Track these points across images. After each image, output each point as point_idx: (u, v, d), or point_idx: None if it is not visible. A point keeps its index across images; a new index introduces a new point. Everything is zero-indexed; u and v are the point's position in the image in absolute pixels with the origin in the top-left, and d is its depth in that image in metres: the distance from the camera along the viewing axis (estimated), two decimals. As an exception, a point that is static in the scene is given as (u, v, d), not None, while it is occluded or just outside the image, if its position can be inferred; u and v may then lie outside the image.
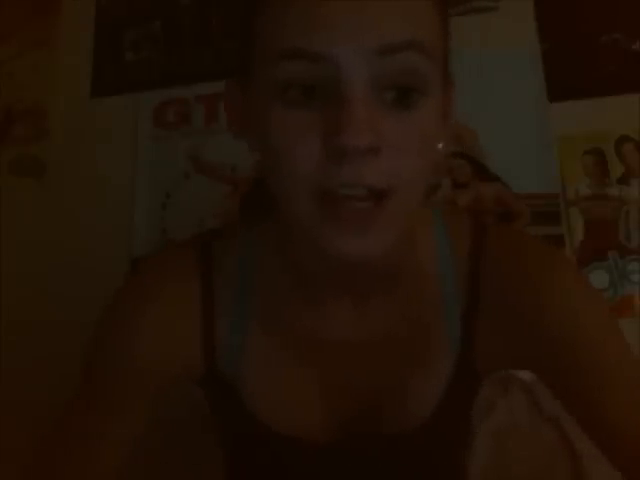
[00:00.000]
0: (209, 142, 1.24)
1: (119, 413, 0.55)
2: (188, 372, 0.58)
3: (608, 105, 1.11)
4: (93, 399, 0.56)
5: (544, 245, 0.58)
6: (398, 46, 0.40)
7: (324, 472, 0.59)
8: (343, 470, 0.59)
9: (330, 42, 0.39)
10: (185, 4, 1.31)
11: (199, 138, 1.25)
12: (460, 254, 0.56)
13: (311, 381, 0.58)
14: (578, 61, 1.14)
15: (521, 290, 0.53)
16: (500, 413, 0.90)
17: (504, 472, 0.88)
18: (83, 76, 1.32)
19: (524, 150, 1.12)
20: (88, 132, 1.30)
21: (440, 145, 0.47)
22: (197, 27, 1.30)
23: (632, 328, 0.99)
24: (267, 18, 0.43)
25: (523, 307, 0.53)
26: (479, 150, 1.13)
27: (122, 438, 0.55)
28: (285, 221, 0.51)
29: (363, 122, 0.40)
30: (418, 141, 0.43)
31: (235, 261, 0.58)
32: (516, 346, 0.54)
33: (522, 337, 0.53)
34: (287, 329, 0.57)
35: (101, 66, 1.33)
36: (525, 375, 0.90)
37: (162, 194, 1.24)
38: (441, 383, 0.57)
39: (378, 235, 0.43)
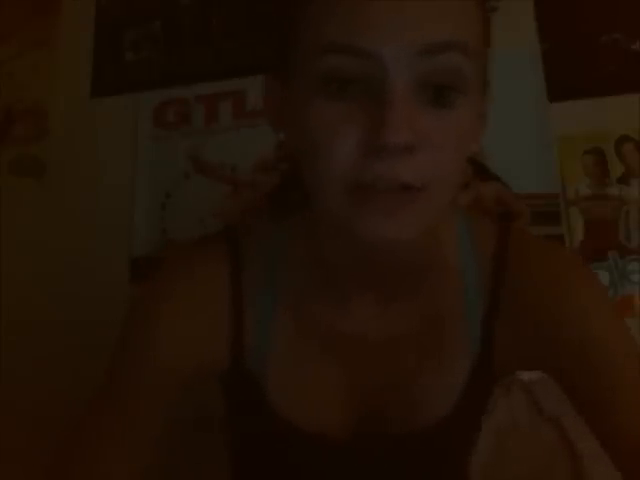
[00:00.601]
0: (209, 142, 1.24)
1: (136, 414, 0.55)
2: (211, 368, 0.58)
3: (608, 105, 1.11)
4: (110, 399, 0.56)
5: (563, 249, 0.58)
6: (441, 46, 0.41)
7: (342, 468, 0.59)
8: (360, 467, 0.59)
9: (378, 41, 0.40)
10: (185, 4, 1.31)
11: (199, 138, 1.25)
12: (484, 254, 0.57)
13: (333, 377, 0.58)
14: (578, 61, 1.13)
15: (542, 293, 0.54)
16: (501, 412, 0.90)
17: (504, 471, 0.88)
18: (83, 76, 1.32)
19: (524, 150, 1.12)
20: (88, 132, 1.30)
21: (474, 144, 0.48)
22: (197, 27, 1.30)
23: (632, 328, 0.99)
24: (313, 14, 0.43)
25: (542, 309, 0.53)
26: (479, 150, 1.13)
27: (138, 439, 0.55)
28: (315, 214, 0.52)
29: (404, 121, 0.40)
30: (455, 139, 0.43)
31: (262, 258, 0.58)
32: (534, 347, 0.54)
33: (540, 339, 0.53)
34: (311, 324, 0.57)
35: (101, 66, 1.33)
36: (525, 375, 0.91)
37: (162, 194, 1.24)
38: (459, 382, 0.57)
39: (409, 217, 0.44)
